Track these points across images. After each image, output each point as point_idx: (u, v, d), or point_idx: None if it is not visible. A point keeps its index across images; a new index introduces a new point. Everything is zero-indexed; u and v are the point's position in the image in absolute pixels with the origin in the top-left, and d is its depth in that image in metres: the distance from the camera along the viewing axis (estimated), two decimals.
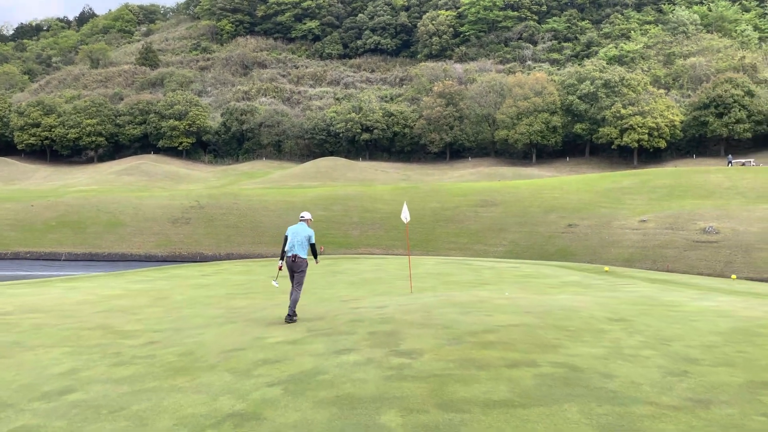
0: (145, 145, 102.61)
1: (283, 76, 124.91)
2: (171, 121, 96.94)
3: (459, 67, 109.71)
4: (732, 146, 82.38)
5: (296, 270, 10.51)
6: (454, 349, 7.32)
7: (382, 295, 14.67)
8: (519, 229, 54.63)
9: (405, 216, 15.46)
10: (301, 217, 11.12)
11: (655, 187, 57.62)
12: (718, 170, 60.04)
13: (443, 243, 53.44)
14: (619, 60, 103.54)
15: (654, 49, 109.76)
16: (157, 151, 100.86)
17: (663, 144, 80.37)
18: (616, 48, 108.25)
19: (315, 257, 11.17)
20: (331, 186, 71.46)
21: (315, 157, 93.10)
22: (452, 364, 6.63)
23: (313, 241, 10.76)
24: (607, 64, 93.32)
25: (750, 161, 68.07)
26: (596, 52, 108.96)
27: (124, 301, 14.03)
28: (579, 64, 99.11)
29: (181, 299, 14.22)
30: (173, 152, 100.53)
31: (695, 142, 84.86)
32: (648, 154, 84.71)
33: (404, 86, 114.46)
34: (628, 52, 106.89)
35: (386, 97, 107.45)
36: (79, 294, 15.48)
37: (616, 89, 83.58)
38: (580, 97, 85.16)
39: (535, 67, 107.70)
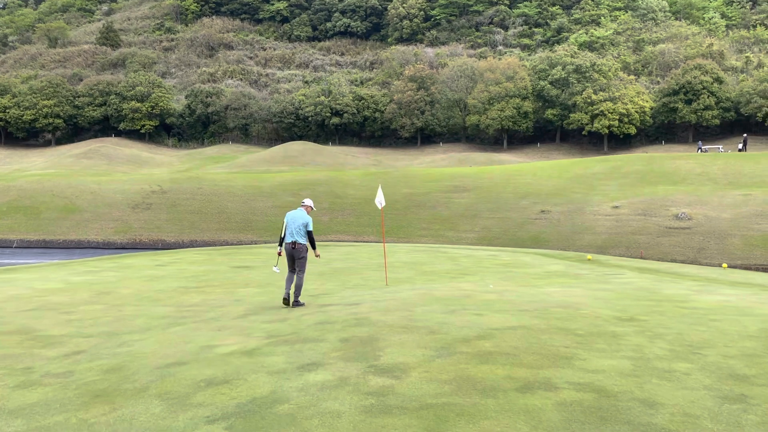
0: (105, 127, 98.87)
1: (250, 58, 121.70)
2: (133, 102, 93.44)
3: (430, 51, 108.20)
4: (700, 133, 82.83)
5: (297, 256, 10.43)
6: (447, 364, 5.93)
7: (354, 288, 13.24)
8: (491, 215, 53.69)
9: (380, 201, 14.03)
10: (302, 203, 10.93)
11: (627, 173, 57.21)
12: (689, 156, 59.94)
13: (415, 229, 52.22)
14: (589, 46, 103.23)
15: (624, 35, 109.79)
16: (119, 134, 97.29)
17: (633, 130, 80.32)
18: (587, 34, 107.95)
19: (313, 247, 10.74)
20: (299, 171, 69.56)
21: (283, 142, 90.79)
22: (447, 386, 5.24)
23: (311, 228, 10.54)
24: (578, 49, 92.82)
25: (719, 148, 68.29)
26: (567, 38, 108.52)
27: (61, 296, 12.32)
28: (550, 50, 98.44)
29: (126, 294, 12.57)
30: (135, 135, 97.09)
31: (664, 128, 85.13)
32: (618, 141, 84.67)
33: (374, 70, 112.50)
34: (599, 38, 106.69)
35: (356, 80, 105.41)
36: (12, 288, 13.68)
37: (587, 75, 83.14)
38: (551, 83, 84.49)
39: (506, 53, 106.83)
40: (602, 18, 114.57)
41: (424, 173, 63.91)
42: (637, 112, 79.37)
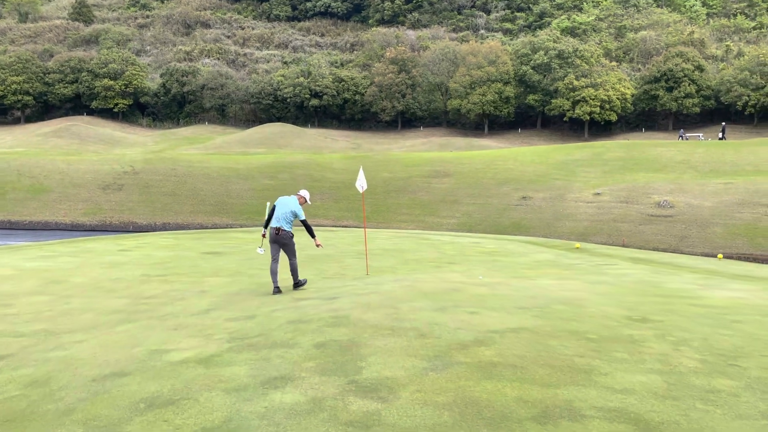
0: (77, 105, 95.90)
1: (228, 37, 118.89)
2: (105, 80, 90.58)
3: (412, 34, 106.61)
4: (680, 121, 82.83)
5: (281, 242, 10.17)
6: (444, 380, 4.91)
7: (332, 278, 12.18)
8: (472, 200, 52.88)
9: (361, 184, 12.95)
10: (298, 192, 10.84)
11: (608, 159, 56.74)
12: (671, 144, 59.64)
13: (395, 215, 51.24)
14: (571, 32, 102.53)
15: (605, 21, 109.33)
16: (91, 112, 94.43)
17: (614, 117, 79.98)
18: (569, 20, 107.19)
19: (312, 236, 10.62)
20: (277, 153, 67.99)
21: (261, 123, 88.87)
22: (447, 413, 4.23)
23: (303, 217, 10.36)
24: (560, 35, 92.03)
25: (699, 136, 68.20)
26: (549, 23, 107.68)
27: (4, 285, 11.07)
28: (533, 35, 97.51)
29: (79, 284, 11.35)
30: (108, 114, 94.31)
31: (644, 116, 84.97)
32: (598, 128, 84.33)
33: (355, 52, 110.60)
34: (581, 24, 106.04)
35: (336, 62, 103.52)
36: None
37: (570, 60, 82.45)
38: (533, 68, 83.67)
39: (488, 37, 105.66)
40: (585, 3, 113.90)
41: (404, 157, 62.82)
42: (618, 98, 78.99)
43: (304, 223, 10.36)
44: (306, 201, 10.82)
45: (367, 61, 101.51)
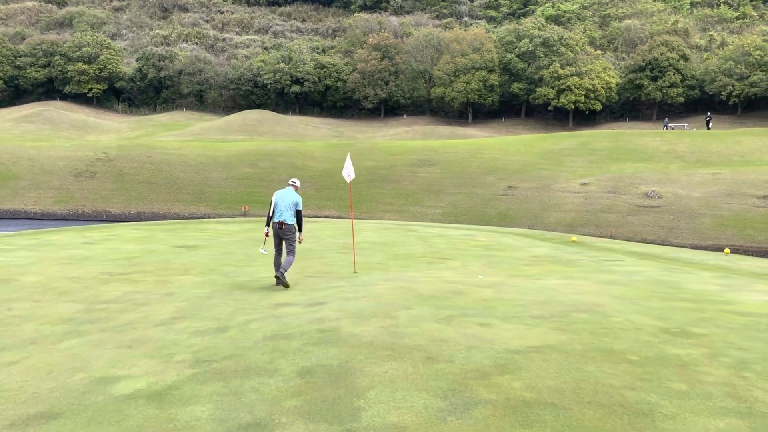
0: (50, 90, 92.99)
1: (207, 21, 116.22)
2: (79, 64, 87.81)
3: (394, 20, 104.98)
4: (664, 110, 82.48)
5: (284, 236, 9.92)
6: (467, 428, 3.77)
7: (315, 277, 11.00)
8: (457, 190, 51.89)
9: (348, 172, 11.76)
10: (291, 182, 10.49)
11: (594, 149, 56.06)
12: (656, 134, 59.13)
13: (379, 204, 50.08)
14: (555, 20, 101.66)
15: (590, 9, 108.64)
16: (64, 97, 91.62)
17: (599, 106, 79.41)
18: (553, 7, 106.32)
19: (299, 229, 10.12)
20: (257, 140, 66.34)
21: (240, 110, 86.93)
22: None
23: (300, 208, 10.16)
24: (545, 22, 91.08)
25: (684, 125, 67.85)
26: (533, 11, 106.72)
27: None
28: (517, 22, 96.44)
29: (30, 283, 10.05)
30: (82, 99, 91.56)
31: (629, 105, 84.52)
32: (583, 117, 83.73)
33: (337, 38, 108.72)
34: (565, 12, 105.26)
35: (318, 48, 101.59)
36: None
37: (555, 48, 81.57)
38: (518, 56, 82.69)
39: (471, 24, 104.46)
40: None
41: (387, 146, 61.58)
42: (603, 87, 78.37)
43: (298, 213, 10.06)
44: (298, 187, 10.58)
45: (349, 47, 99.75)
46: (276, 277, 9.67)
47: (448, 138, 71.90)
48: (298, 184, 10.56)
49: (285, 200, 9.96)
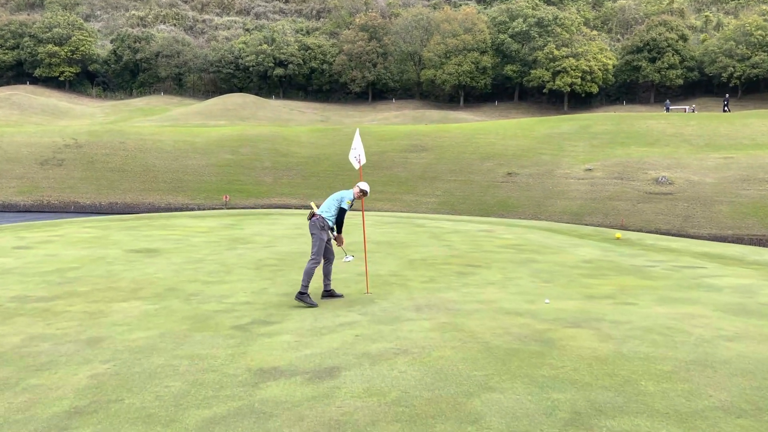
0: (19, 74, 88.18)
1: (185, 2, 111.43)
2: (49, 46, 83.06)
3: (381, 0, 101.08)
4: (661, 93, 79.87)
5: (311, 230, 7.88)
6: None
7: (315, 298, 7.81)
8: (453, 177, 48.78)
9: (357, 155, 8.57)
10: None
11: (596, 133, 53.17)
12: (660, 116, 56.38)
13: (370, 193, 46.74)
14: (547, 0, 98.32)
15: None
16: (35, 81, 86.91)
17: (595, 89, 76.53)
18: None
19: (337, 227, 7.88)
20: (239, 126, 62.62)
21: (221, 93, 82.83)
22: None
23: (344, 204, 7.92)
24: (538, 1, 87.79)
25: (685, 108, 65.15)
26: None
27: None
28: (509, 2, 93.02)
29: None
30: (54, 83, 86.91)
31: (625, 87, 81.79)
32: (578, 100, 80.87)
33: (322, 20, 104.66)
34: None
35: (302, 30, 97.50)
36: None
37: (550, 29, 78.41)
38: (511, 36, 79.43)
39: (461, 4, 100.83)
40: None
41: (377, 131, 58.21)
42: (600, 69, 75.45)
43: (339, 211, 7.84)
44: (363, 192, 8.26)
45: (334, 29, 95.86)
46: (326, 290, 7.92)
47: (440, 122, 68.63)
48: (362, 186, 8.35)
49: (331, 197, 8.15)
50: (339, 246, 8.14)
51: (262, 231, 16.59)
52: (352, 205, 8.05)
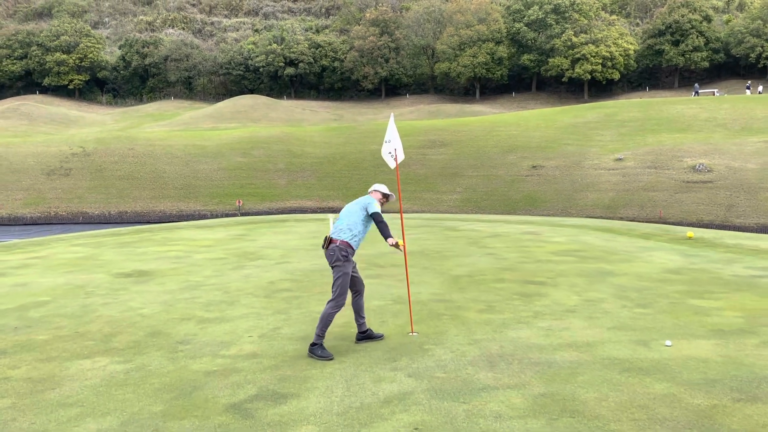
0: (29, 84, 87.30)
1: (193, 5, 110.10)
2: (57, 54, 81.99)
3: None
4: (685, 78, 76.85)
5: (329, 262, 5.83)
6: None
7: (342, 344, 5.79)
8: (474, 172, 46.52)
9: (391, 150, 6.49)
10: (371, 189, 6.28)
11: (623, 120, 50.57)
12: (689, 100, 53.61)
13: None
14: None
15: None
16: (44, 90, 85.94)
17: (617, 75, 73.72)
18: None
19: (386, 234, 5.80)
20: (251, 127, 60.83)
21: (232, 96, 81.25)
22: None
23: (372, 210, 5.90)
24: None
25: (714, 91, 62.20)
26: None
27: None
28: None
29: None
30: (64, 92, 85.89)
31: (647, 73, 78.83)
32: (599, 88, 78.09)
33: (331, 17, 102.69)
34: None
35: (312, 28, 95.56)
36: None
37: (567, 15, 75.68)
38: (527, 24, 76.82)
39: None
40: None
41: None
42: (621, 55, 72.63)
43: (374, 217, 5.88)
44: (387, 195, 6.23)
45: (344, 25, 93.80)
46: (360, 332, 6.10)
47: (456, 116, 66.31)
48: (379, 188, 6.26)
49: (349, 208, 6.10)
50: (400, 251, 6.40)
51: (275, 243, 14.57)
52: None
